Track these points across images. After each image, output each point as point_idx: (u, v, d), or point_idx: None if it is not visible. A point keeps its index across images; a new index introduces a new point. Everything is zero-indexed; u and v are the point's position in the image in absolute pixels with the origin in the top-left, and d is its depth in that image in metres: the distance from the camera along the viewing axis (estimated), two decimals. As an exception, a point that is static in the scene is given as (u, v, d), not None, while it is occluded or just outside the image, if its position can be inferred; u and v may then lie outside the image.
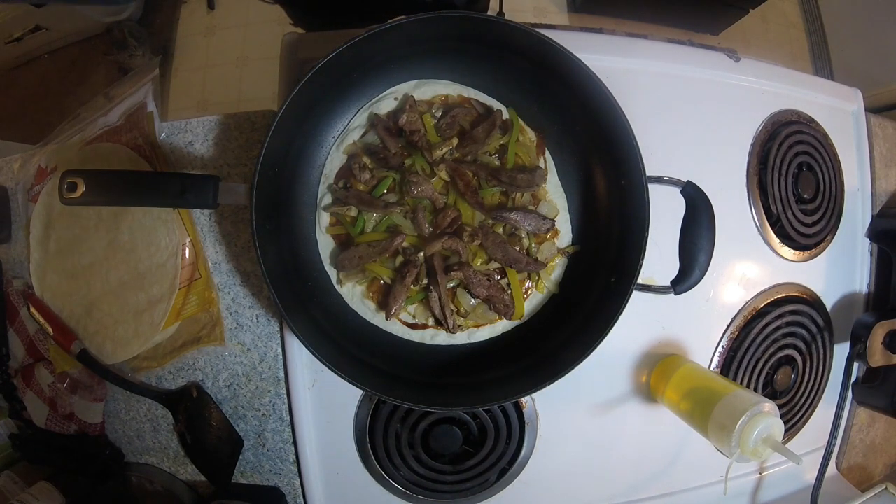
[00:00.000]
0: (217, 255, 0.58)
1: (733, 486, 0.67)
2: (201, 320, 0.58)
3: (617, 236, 0.55)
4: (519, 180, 0.54)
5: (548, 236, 0.57)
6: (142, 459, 0.61)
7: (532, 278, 0.57)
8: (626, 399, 0.62)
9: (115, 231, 0.57)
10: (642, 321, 0.62)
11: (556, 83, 0.53)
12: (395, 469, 0.58)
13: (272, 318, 0.58)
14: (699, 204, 0.53)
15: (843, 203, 0.71)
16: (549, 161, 0.58)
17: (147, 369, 0.59)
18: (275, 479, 0.60)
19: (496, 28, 0.50)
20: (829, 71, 1.81)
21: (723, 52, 0.67)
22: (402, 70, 0.56)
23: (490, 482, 0.60)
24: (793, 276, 0.68)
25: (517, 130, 0.56)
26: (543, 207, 0.56)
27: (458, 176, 0.55)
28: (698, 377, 0.58)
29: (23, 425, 0.62)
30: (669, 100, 0.64)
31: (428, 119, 0.55)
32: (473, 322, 0.56)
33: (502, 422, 0.58)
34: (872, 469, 0.77)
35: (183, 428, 0.58)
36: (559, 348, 0.54)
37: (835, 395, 0.67)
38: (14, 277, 0.63)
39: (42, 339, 0.60)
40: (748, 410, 0.50)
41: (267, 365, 0.58)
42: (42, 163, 0.61)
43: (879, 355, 0.65)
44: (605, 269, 0.55)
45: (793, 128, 0.68)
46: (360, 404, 0.58)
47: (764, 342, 0.65)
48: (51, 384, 0.58)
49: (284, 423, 0.59)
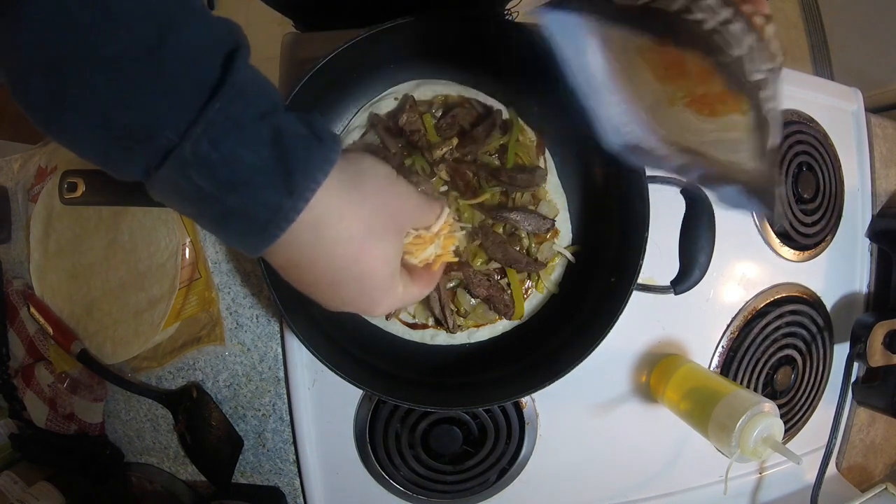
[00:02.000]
0: (217, 255, 0.58)
1: (733, 486, 0.67)
2: (201, 320, 0.58)
3: (617, 236, 0.55)
4: (519, 180, 0.54)
5: (548, 236, 0.57)
6: (142, 459, 0.61)
7: (532, 278, 0.57)
8: (626, 399, 0.62)
9: (115, 231, 0.57)
10: (642, 321, 0.62)
11: (556, 83, 0.53)
12: (395, 469, 0.58)
13: (272, 318, 0.58)
14: (699, 204, 0.53)
15: (843, 203, 0.71)
16: (549, 161, 0.58)
17: (147, 369, 0.59)
18: (275, 479, 0.60)
19: (496, 28, 0.50)
20: (829, 71, 1.81)
21: (723, 52, 0.67)
22: (402, 70, 0.56)
23: (490, 482, 0.60)
24: (793, 276, 0.68)
25: (517, 130, 0.56)
26: (543, 207, 0.56)
27: (458, 176, 0.55)
28: (698, 377, 0.58)
29: (23, 425, 0.62)
30: (669, 100, 0.64)
31: (428, 119, 0.55)
32: (473, 322, 0.56)
33: (502, 422, 0.58)
34: (872, 469, 0.77)
35: (183, 428, 0.58)
36: (559, 348, 0.54)
37: (835, 395, 0.67)
38: (14, 277, 0.63)
39: (42, 339, 0.60)
40: (748, 410, 0.50)
41: (267, 365, 0.58)
42: (42, 163, 0.61)
43: (879, 355, 0.65)
44: (605, 269, 0.55)
45: (793, 128, 0.67)
46: (360, 404, 0.58)
47: (764, 342, 0.65)
48: (51, 384, 0.58)
49: (284, 423, 0.59)
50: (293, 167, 0.27)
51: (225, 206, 0.27)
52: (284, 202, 0.27)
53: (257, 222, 0.27)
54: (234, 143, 0.26)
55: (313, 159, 0.28)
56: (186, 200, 0.27)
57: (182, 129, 0.25)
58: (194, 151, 0.25)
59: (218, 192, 0.26)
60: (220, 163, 0.26)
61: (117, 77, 0.24)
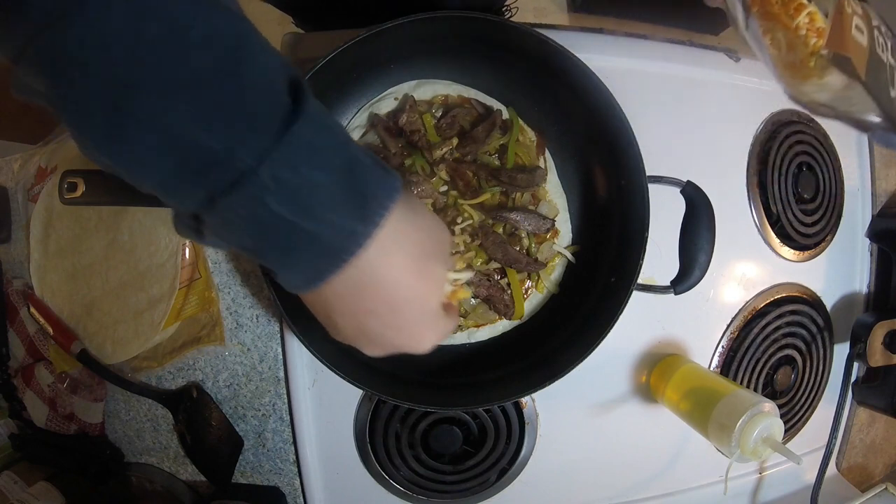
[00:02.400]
0: (217, 255, 0.58)
1: (733, 486, 0.67)
2: (201, 320, 0.58)
3: (617, 236, 0.55)
4: (519, 180, 0.54)
5: (548, 236, 0.57)
6: (142, 459, 0.61)
7: (532, 278, 0.57)
8: (626, 399, 0.62)
9: (115, 231, 0.57)
10: (642, 321, 0.62)
11: (556, 83, 0.53)
12: (395, 469, 0.58)
13: (272, 318, 0.58)
14: (699, 204, 0.53)
15: (843, 203, 0.71)
16: (549, 161, 0.58)
17: (147, 369, 0.59)
18: (275, 479, 0.60)
19: (496, 28, 0.50)
20: (829, 71, 1.81)
21: (723, 52, 0.67)
22: (402, 70, 0.56)
23: (490, 482, 0.60)
24: (793, 276, 0.68)
25: (517, 130, 0.56)
26: (543, 207, 0.56)
27: (458, 176, 0.55)
28: (698, 377, 0.58)
29: (23, 425, 0.62)
30: (669, 100, 0.64)
31: (428, 119, 0.55)
32: (473, 322, 0.56)
33: (502, 422, 0.58)
34: (872, 469, 0.77)
35: (183, 428, 0.58)
36: (559, 348, 0.54)
37: (835, 395, 0.67)
38: (14, 277, 0.63)
39: (42, 339, 0.60)
40: (748, 410, 0.50)
41: (267, 365, 0.58)
42: (42, 163, 0.61)
43: (879, 355, 0.65)
44: (605, 269, 0.55)
45: (793, 128, 0.68)
46: (360, 404, 0.58)
47: (764, 342, 0.65)
48: (51, 384, 0.58)
49: (284, 423, 0.59)
50: (368, 193, 0.28)
51: (298, 233, 0.27)
52: (358, 227, 0.28)
53: (330, 248, 0.28)
54: (313, 169, 0.26)
55: (383, 187, 0.29)
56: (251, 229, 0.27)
57: (259, 154, 0.24)
58: (274, 175, 0.25)
59: (295, 217, 0.26)
60: (299, 188, 0.26)
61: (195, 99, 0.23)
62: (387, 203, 0.29)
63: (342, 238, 0.28)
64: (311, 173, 0.26)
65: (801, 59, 0.37)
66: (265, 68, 0.26)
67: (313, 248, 0.27)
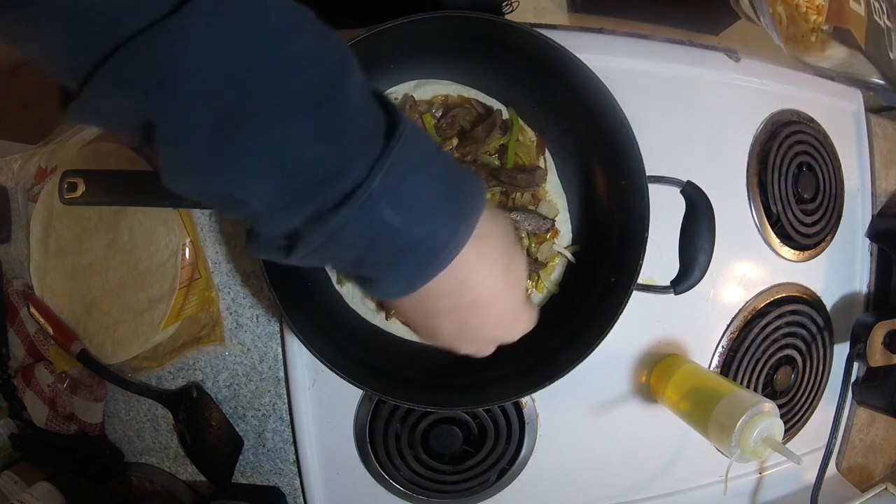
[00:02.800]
0: (217, 255, 0.58)
1: (733, 486, 0.67)
2: (201, 320, 0.58)
3: (617, 236, 0.55)
4: (519, 180, 0.54)
5: (548, 236, 0.57)
6: (142, 459, 0.61)
7: (532, 278, 0.57)
8: (626, 399, 0.62)
9: (115, 231, 0.57)
10: (642, 321, 0.62)
11: (556, 83, 0.53)
12: (395, 469, 0.58)
13: (272, 318, 0.58)
14: (699, 204, 0.53)
15: (843, 203, 0.71)
16: (549, 161, 0.58)
17: (147, 369, 0.59)
18: (275, 479, 0.60)
19: (496, 28, 0.50)
20: (829, 71, 1.81)
21: (723, 52, 0.67)
22: (402, 70, 0.56)
23: (490, 482, 0.60)
24: (793, 276, 0.68)
25: (517, 130, 0.56)
26: (543, 207, 0.56)
27: (458, 176, 0.55)
28: (698, 377, 0.58)
29: (23, 425, 0.62)
30: (670, 100, 0.64)
31: (428, 119, 0.55)
32: (473, 322, 0.56)
33: (502, 422, 0.58)
34: (872, 469, 0.77)
35: (183, 428, 0.58)
36: (559, 348, 0.54)
37: (835, 395, 0.67)
38: (14, 277, 0.63)
39: (42, 339, 0.60)
40: (748, 410, 0.50)
41: (267, 365, 0.58)
42: (42, 163, 0.61)
43: (879, 355, 0.65)
44: (605, 269, 0.55)
45: (793, 128, 0.68)
46: (360, 404, 0.58)
47: (764, 342, 0.65)
48: (51, 384, 0.58)
49: (284, 423, 0.59)
50: (465, 195, 0.30)
51: (407, 239, 0.28)
52: (459, 226, 0.29)
53: (434, 248, 0.29)
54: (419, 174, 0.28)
55: (475, 186, 0.31)
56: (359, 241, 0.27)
57: (370, 165, 0.26)
58: (385, 185, 0.26)
59: (405, 223, 0.27)
60: (407, 194, 0.27)
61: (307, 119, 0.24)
62: (479, 202, 0.31)
63: (446, 238, 0.29)
64: (417, 179, 0.27)
65: (802, 33, 0.37)
66: (361, 83, 0.27)
67: (419, 250, 0.29)
